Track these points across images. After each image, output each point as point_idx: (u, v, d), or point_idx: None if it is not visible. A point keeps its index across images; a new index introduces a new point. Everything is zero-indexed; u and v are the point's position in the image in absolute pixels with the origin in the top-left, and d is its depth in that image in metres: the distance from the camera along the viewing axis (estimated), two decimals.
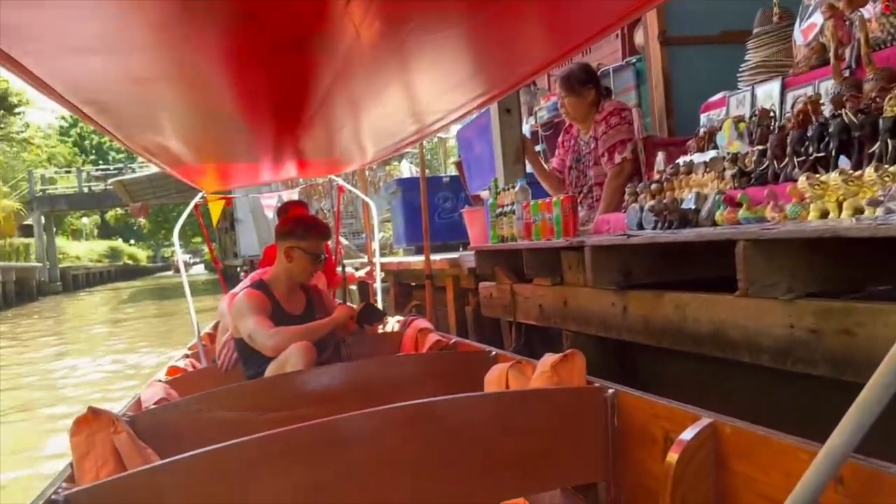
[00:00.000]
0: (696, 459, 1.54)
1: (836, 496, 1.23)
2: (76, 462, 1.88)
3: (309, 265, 3.20)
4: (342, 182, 5.10)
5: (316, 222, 3.39)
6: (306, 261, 3.19)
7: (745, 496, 1.48)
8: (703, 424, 1.56)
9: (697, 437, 1.54)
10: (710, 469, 1.55)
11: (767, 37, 3.34)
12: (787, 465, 1.36)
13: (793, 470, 1.18)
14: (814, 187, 1.97)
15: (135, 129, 2.54)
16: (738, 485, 1.51)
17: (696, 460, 1.54)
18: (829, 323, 1.67)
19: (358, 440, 1.71)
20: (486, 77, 2.28)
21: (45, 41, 1.49)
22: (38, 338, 14.88)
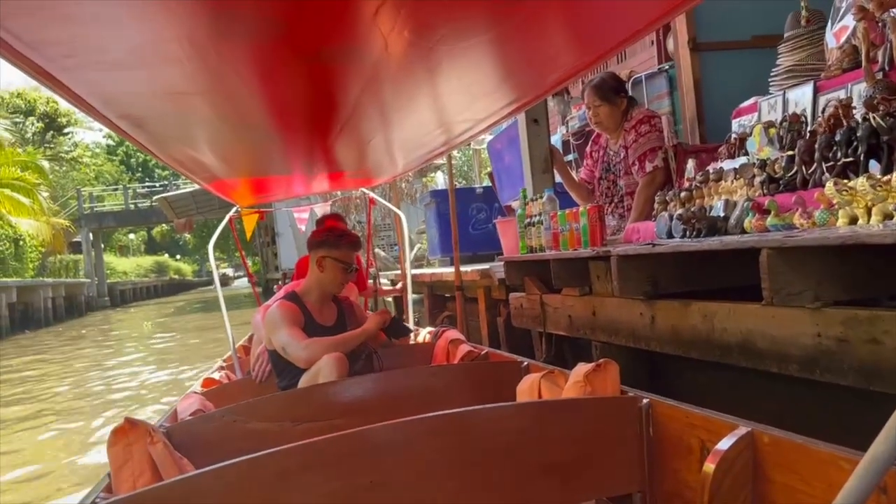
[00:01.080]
0: (734, 469, 1.52)
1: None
2: (114, 472, 1.92)
3: (340, 274, 3.24)
4: (373, 195, 5.15)
5: (346, 232, 3.43)
6: (338, 270, 3.23)
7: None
8: (740, 434, 1.54)
9: (735, 446, 1.52)
10: (748, 479, 1.53)
11: (798, 40, 3.29)
12: (828, 474, 1.34)
13: (835, 480, 1.16)
14: (841, 193, 1.93)
15: (169, 144, 2.60)
16: (777, 495, 1.48)
17: (734, 470, 1.52)
18: (856, 332, 1.64)
19: (392, 450, 1.72)
20: (514, 85, 2.27)
21: (80, 56, 1.53)
22: (86, 349, 15.27)
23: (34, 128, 36.91)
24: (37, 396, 9.47)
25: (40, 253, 26.13)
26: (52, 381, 10.78)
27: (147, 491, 1.72)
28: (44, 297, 25.26)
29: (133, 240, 55.32)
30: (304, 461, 1.66)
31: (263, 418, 2.54)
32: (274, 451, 1.70)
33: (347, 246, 3.27)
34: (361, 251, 3.62)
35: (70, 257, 31.91)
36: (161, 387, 8.96)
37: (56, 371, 12.08)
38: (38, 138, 36.77)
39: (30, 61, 1.43)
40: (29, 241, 24.43)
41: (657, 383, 2.74)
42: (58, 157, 36.93)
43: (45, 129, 37.76)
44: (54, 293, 26.64)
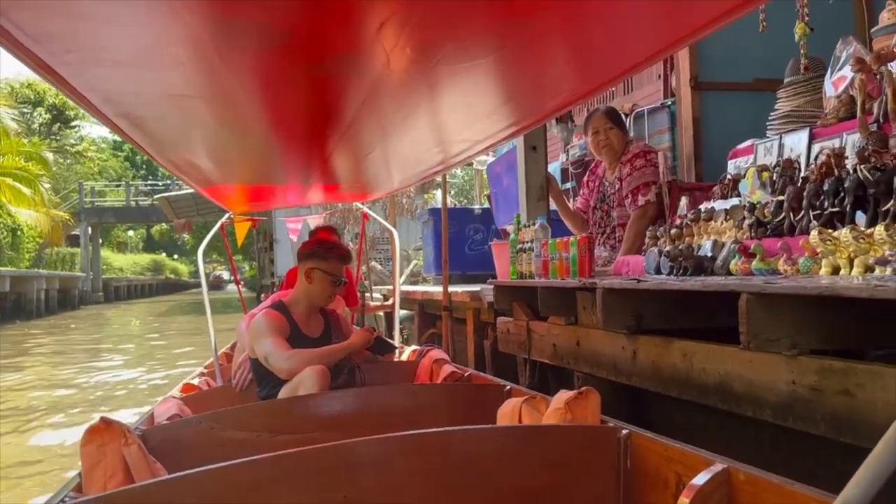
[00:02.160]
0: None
1: None
2: (85, 472, 1.90)
3: (328, 287, 3.24)
4: (367, 210, 5.17)
5: (336, 245, 3.43)
6: (326, 282, 3.23)
7: None
8: (716, 470, 1.54)
9: (710, 482, 1.52)
10: None
11: (798, 87, 3.32)
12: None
13: None
14: (825, 242, 1.95)
15: (166, 146, 2.61)
16: None
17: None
18: (829, 382, 1.64)
19: (369, 465, 1.72)
20: (513, 108, 2.29)
21: (81, 52, 1.53)
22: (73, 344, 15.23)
23: (41, 119, 37.08)
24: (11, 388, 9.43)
25: (38, 244, 26.10)
26: (30, 374, 10.75)
27: (117, 493, 1.71)
28: (37, 288, 25.22)
29: (132, 237, 55.31)
30: (279, 472, 1.66)
31: (241, 427, 2.52)
32: (249, 460, 1.69)
33: (337, 258, 3.27)
34: (352, 264, 3.62)
35: (67, 250, 31.89)
36: (141, 389, 8.93)
37: (38, 364, 12.04)
38: (44, 129, 36.92)
39: (31, 53, 1.43)
40: (27, 232, 24.42)
41: (636, 418, 2.74)
42: (63, 150, 37.03)
43: (53, 120, 37.93)
44: (48, 285, 26.60)
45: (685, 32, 1.54)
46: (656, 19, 1.50)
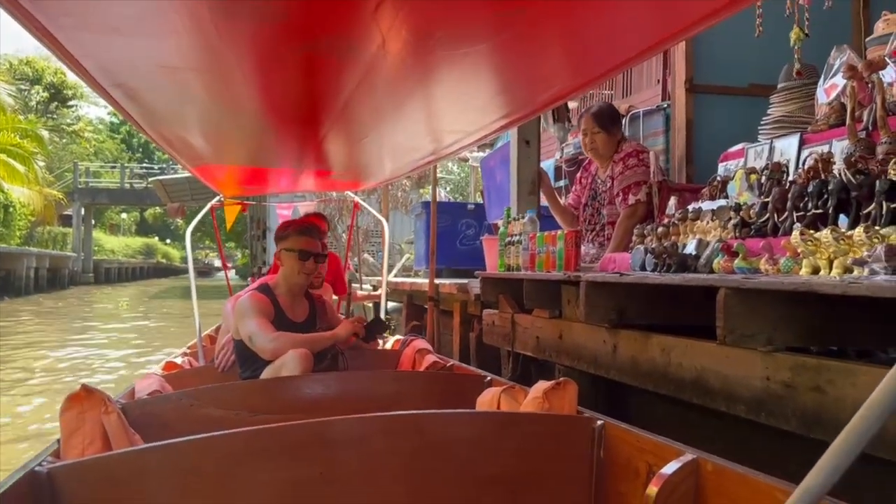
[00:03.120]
0: (676, 494, 1.54)
1: None
2: (64, 438, 1.90)
3: (297, 263, 3.22)
4: (358, 199, 5.17)
5: (294, 222, 3.47)
6: (293, 259, 3.23)
7: None
8: (685, 460, 1.57)
9: (679, 472, 1.55)
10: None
11: (790, 92, 3.35)
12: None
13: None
14: (806, 243, 1.96)
15: (159, 120, 2.60)
16: None
17: (676, 495, 1.54)
18: (802, 378, 1.66)
19: (345, 444, 1.72)
20: (507, 100, 2.29)
21: (78, 17, 1.52)
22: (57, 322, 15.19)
23: (39, 97, 36.85)
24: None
25: (29, 222, 26.00)
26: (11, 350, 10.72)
27: (94, 459, 1.71)
28: (27, 266, 25.11)
29: (125, 219, 55.08)
30: (257, 446, 1.67)
31: (221, 405, 2.52)
32: (227, 432, 1.71)
33: (296, 234, 3.27)
34: (341, 253, 3.62)
35: (59, 230, 31.78)
36: (123, 367, 8.92)
37: (21, 341, 12.00)
38: (41, 108, 36.71)
39: (30, 16, 1.42)
40: (19, 209, 24.31)
41: (614, 412, 2.75)
42: (59, 129, 36.85)
43: (50, 99, 37.72)
44: (38, 264, 26.49)
45: (680, 27, 1.55)
46: (651, 13, 1.51)
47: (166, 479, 1.59)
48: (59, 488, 1.51)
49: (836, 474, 1.01)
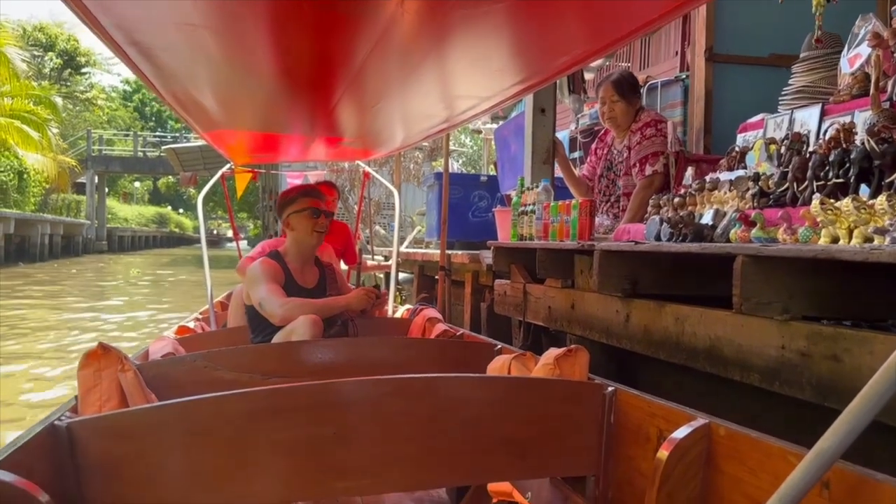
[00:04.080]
0: (687, 458, 1.54)
1: (821, 500, 1.22)
2: (81, 395, 1.92)
3: (309, 221, 3.23)
4: (367, 168, 5.15)
5: (299, 186, 3.51)
6: (305, 218, 3.23)
7: (732, 496, 1.48)
8: (697, 424, 1.56)
9: (690, 436, 1.54)
10: (700, 468, 1.55)
11: (813, 62, 3.28)
12: (776, 467, 1.36)
13: (781, 472, 1.18)
14: (826, 212, 1.93)
15: (173, 80, 2.57)
16: (725, 485, 1.51)
17: (687, 459, 1.54)
18: (818, 347, 1.64)
19: (357, 405, 1.73)
20: (523, 63, 2.24)
21: None
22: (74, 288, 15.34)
23: (52, 64, 36.84)
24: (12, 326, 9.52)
25: (44, 189, 26.14)
26: (26, 312, 10.83)
27: (112, 414, 1.74)
28: (41, 232, 25.30)
29: (138, 188, 55.28)
30: (271, 406, 1.68)
31: (234, 367, 2.54)
32: (242, 391, 1.72)
33: (302, 196, 3.29)
34: (351, 223, 3.61)
35: (73, 197, 31.92)
36: (137, 330, 9.01)
37: (35, 305, 12.12)
38: (54, 75, 36.72)
39: None
40: (33, 176, 24.43)
41: (624, 382, 2.75)
42: (72, 96, 36.91)
43: (63, 66, 37.70)
44: (52, 230, 26.69)
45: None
46: None
47: (181, 436, 1.60)
48: (77, 442, 1.53)
49: (850, 437, 1.00)
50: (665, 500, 1.52)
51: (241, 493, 1.63)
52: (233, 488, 1.62)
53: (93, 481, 1.53)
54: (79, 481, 1.52)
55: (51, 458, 1.51)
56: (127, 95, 54.45)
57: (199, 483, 1.60)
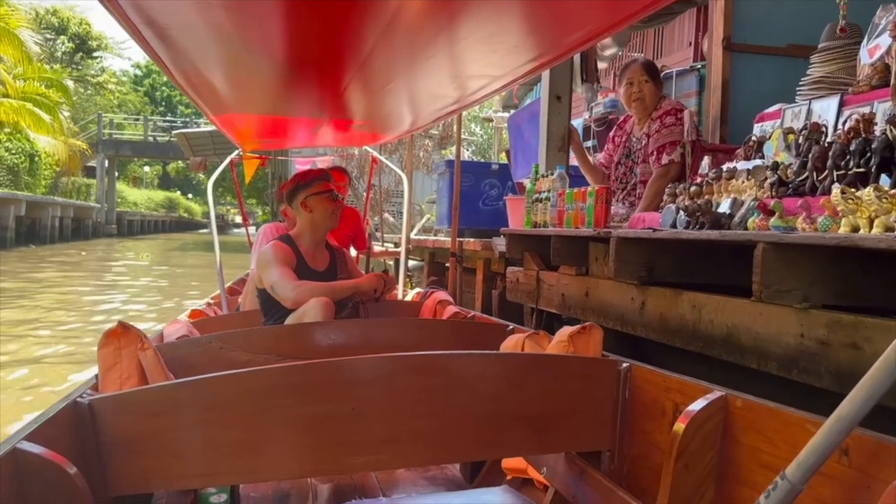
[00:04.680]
0: (704, 430, 1.55)
1: (840, 467, 1.23)
2: (101, 373, 1.94)
3: (328, 203, 3.24)
4: (376, 154, 5.15)
5: (310, 170, 3.51)
6: (324, 200, 3.24)
7: (749, 466, 1.49)
8: (713, 397, 1.57)
9: (707, 408, 1.55)
10: (717, 440, 1.56)
11: (832, 52, 3.25)
12: (794, 436, 1.36)
13: (799, 441, 1.17)
14: (847, 201, 1.92)
15: (186, 61, 2.57)
16: (742, 455, 1.51)
17: (704, 431, 1.55)
18: (838, 335, 1.64)
19: (372, 382, 1.74)
20: (536, 40, 2.22)
21: None
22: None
23: (64, 47, 36.87)
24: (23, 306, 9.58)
25: (54, 172, 26.23)
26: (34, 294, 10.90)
27: (133, 392, 1.76)
28: (52, 215, 25.41)
29: (147, 172, 55.36)
30: (287, 382, 1.69)
31: (248, 349, 2.55)
32: (259, 369, 1.74)
33: (317, 179, 3.30)
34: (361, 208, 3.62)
35: (83, 181, 32.01)
36: (148, 315, 9.06)
37: (46, 286, 12.19)
38: (66, 58, 36.75)
39: None
40: (44, 158, 24.52)
41: None
42: (84, 80, 36.95)
43: (75, 50, 37.72)
44: (63, 213, 26.79)
45: None
46: None
47: (200, 413, 1.62)
48: (99, 418, 1.56)
49: (870, 402, 1.00)
50: (682, 471, 1.53)
51: (259, 469, 1.65)
52: (250, 463, 1.64)
53: (115, 456, 1.56)
54: (100, 456, 1.54)
55: (74, 433, 1.53)
56: (137, 80, 54.49)
57: (217, 458, 1.62)
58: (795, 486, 1.07)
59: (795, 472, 1.07)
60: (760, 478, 1.44)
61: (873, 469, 1.19)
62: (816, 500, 1.25)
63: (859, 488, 1.21)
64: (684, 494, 1.54)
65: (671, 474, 1.53)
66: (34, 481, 1.31)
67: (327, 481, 2.49)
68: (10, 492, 1.28)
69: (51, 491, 1.32)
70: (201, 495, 2.17)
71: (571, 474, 1.93)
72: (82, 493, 1.35)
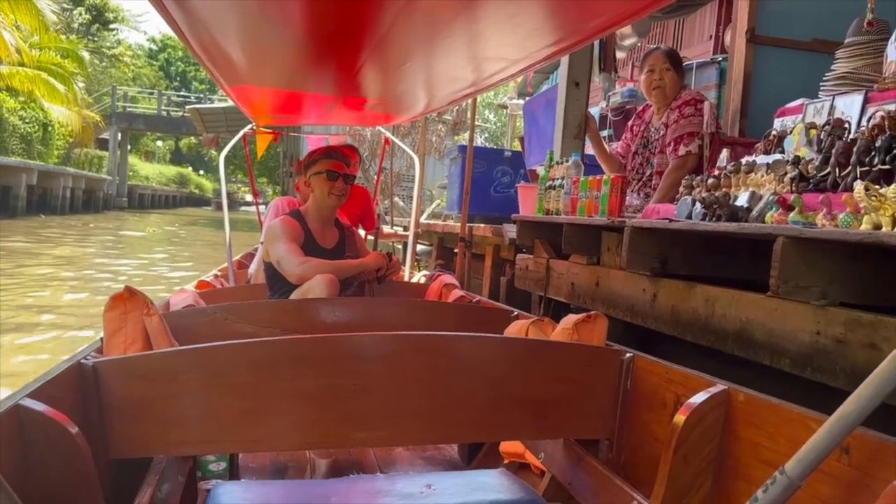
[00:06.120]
0: (705, 423, 1.53)
1: (840, 465, 1.21)
2: (107, 337, 1.94)
3: (325, 183, 3.23)
4: (388, 134, 5.11)
5: (321, 148, 3.49)
6: (321, 180, 3.23)
7: (748, 461, 1.47)
8: (715, 391, 1.55)
9: (708, 401, 1.53)
10: (717, 433, 1.54)
11: (858, 48, 3.19)
12: (795, 432, 1.34)
13: (800, 438, 1.15)
14: (871, 198, 1.87)
15: (203, 29, 2.54)
16: (742, 449, 1.50)
17: (704, 423, 1.53)
18: (856, 334, 1.60)
19: (375, 359, 1.73)
20: (558, 24, 2.17)
21: None
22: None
23: (81, 18, 36.84)
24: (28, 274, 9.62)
25: (67, 142, 26.25)
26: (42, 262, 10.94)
27: (136, 356, 1.76)
28: (63, 185, 25.46)
29: (160, 147, 55.42)
30: (292, 354, 1.69)
31: (253, 321, 2.55)
32: (264, 340, 1.75)
33: (323, 157, 3.29)
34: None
35: (95, 152, 32.05)
36: (157, 284, 9.08)
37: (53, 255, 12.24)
38: (83, 29, 36.73)
39: None
40: (58, 129, 24.54)
41: None
42: (99, 51, 36.93)
43: (92, 21, 37.69)
44: (74, 184, 26.84)
45: None
46: None
47: (203, 380, 1.61)
48: (102, 381, 1.56)
49: (874, 402, 0.98)
50: (680, 462, 1.52)
51: (259, 438, 1.65)
52: (251, 433, 1.63)
53: (116, 419, 1.56)
54: (102, 419, 1.54)
55: (77, 394, 1.53)
56: (153, 54, 54.46)
57: (218, 426, 1.62)
58: (794, 481, 1.06)
59: (795, 467, 1.05)
60: (759, 473, 1.43)
61: (873, 468, 1.17)
62: (814, 497, 1.25)
63: (858, 487, 1.19)
64: (681, 486, 1.53)
65: (669, 465, 1.52)
66: (36, 438, 1.32)
67: (326, 456, 2.48)
68: (13, 447, 1.29)
69: (52, 449, 1.33)
70: (201, 462, 2.17)
71: (569, 461, 1.93)
72: (83, 453, 1.36)
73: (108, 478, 1.52)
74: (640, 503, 1.50)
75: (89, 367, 1.55)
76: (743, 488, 1.47)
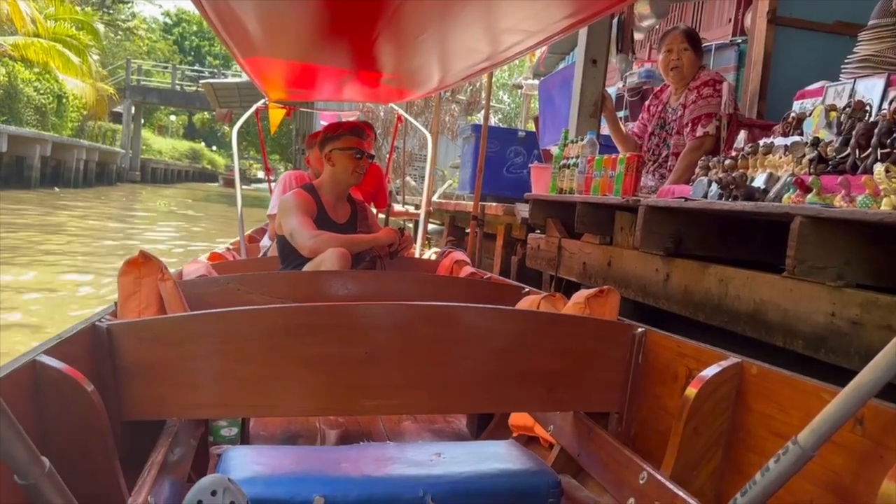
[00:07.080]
0: (717, 395, 1.53)
1: (853, 436, 1.21)
2: (121, 301, 1.95)
3: (350, 161, 3.22)
4: (401, 111, 5.08)
5: (344, 123, 3.47)
6: (346, 157, 3.22)
7: (759, 433, 1.47)
8: (727, 364, 1.54)
9: (720, 374, 1.53)
10: (729, 406, 1.54)
11: (882, 30, 3.13)
12: (808, 404, 1.34)
13: (813, 410, 1.14)
14: (891, 179, 1.85)
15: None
16: (754, 421, 1.49)
17: (716, 396, 1.53)
18: (872, 316, 1.58)
19: (386, 328, 1.74)
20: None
21: None
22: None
23: None
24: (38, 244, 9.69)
25: (81, 115, 26.30)
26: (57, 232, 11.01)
27: (150, 320, 1.78)
28: (77, 157, 25.55)
29: (173, 122, 55.47)
30: (304, 322, 1.70)
31: (265, 292, 2.56)
32: (277, 307, 1.76)
33: (349, 133, 3.27)
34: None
35: (109, 126, 32.12)
36: (170, 255, 9.13)
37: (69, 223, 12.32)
38: (98, 1, 36.68)
39: None
40: (72, 101, 24.58)
41: None
42: (114, 24, 36.91)
43: None
44: (88, 156, 26.93)
45: None
46: None
47: (216, 345, 1.62)
48: (116, 343, 1.57)
49: (889, 373, 0.97)
50: (691, 434, 1.52)
51: (271, 403, 1.66)
52: (263, 398, 1.64)
53: (130, 382, 1.57)
54: (116, 381, 1.56)
55: (92, 355, 1.54)
56: (167, 28, 54.33)
57: (231, 391, 1.63)
58: (807, 451, 1.05)
59: (808, 438, 1.05)
60: (770, 444, 1.43)
61: (886, 439, 1.17)
62: (827, 468, 1.24)
63: (871, 458, 1.19)
64: (691, 458, 1.53)
65: (679, 437, 1.52)
66: (52, 394, 1.33)
67: (335, 426, 2.50)
68: (29, 402, 1.30)
69: (68, 406, 1.34)
70: (213, 428, 2.19)
71: (578, 433, 1.93)
72: (98, 412, 1.37)
73: (121, 439, 1.54)
74: (651, 474, 1.50)
75: (103, 329, 1.56)
76: (754, 460, 1.46)
